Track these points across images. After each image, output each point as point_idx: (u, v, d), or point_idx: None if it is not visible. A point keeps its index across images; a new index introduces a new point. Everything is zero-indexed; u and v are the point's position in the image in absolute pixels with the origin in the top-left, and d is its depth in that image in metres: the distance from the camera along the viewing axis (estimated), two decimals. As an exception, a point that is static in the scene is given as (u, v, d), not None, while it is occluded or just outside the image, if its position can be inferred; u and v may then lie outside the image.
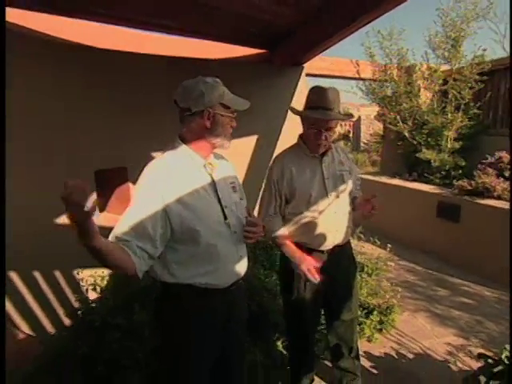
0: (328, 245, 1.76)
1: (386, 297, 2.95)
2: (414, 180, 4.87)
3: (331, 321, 2.04)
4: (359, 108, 16.78)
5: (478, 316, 3.00)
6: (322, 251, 1.77)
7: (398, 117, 4.87)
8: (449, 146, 4.59)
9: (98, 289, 2.67)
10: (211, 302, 1.37)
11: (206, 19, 3.13)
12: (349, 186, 1.80)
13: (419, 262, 4.17)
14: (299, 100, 4.13)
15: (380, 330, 2.80)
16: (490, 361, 1.83)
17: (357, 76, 4.91)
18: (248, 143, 4.02)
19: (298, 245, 1.79)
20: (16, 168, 2.40)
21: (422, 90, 5.02)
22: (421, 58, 4.92)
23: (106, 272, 2.75)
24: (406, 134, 4.86)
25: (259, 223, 1.43)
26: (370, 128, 13.84)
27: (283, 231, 1.78)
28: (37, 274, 2.54)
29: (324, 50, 3.55)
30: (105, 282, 2.71)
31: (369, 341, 2.70)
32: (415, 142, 4.84)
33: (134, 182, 1.36)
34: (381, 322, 2.82)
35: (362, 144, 13.97)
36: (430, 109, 4.74)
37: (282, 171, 1.75)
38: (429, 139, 4.70)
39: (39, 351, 2.38)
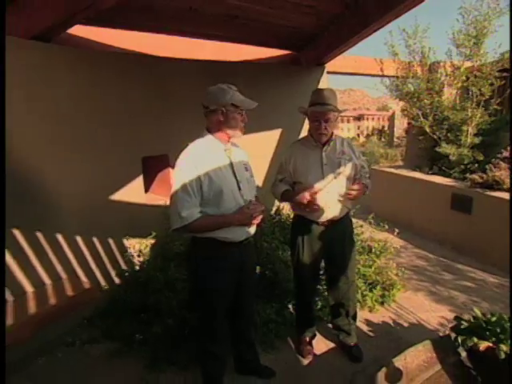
0: (323, 218, 2.17)
1: (389, 274, 3.30)
2: (434, 173, 5.07)
3: (330, 284, 2.46)
4: (398, 103, 16.57)
5: (476, 297, 3.26)
6: (318, 223, 2.19)
7: (420, 112, 5.08)
8: (468, 140, 4.75)
9: (142, 254, 3.26)
10: (228, 251, 1.85)
11: (241, 28, 3.58)
12: (346, 171, 2.18)
13: (432, 250, 4.43)
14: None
15: (382, 303, 3.16)
16: (462, 322, 2.16)
17: (380, 73, 5.17)
18: (274, 135, 4.47)
19: (300, 217, 2.23)
20: (86, 155, 3.01)
21: (445, 86, 5.17)
22: (445, 56, 5.07)
23: (148, 241, 3.33)
24: (427, 129, 5.06)
25: (260, 204, 1.89)
26: (404, 123, 13.70)
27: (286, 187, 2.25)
28: (95, 240, 3.14)
29: (343, 52, 3.90)
30: (148, 249, 3.29)
31: (370, 311, 3.07)
32: (435, 137, 5.04)
33: (174, 167, 1.85)
34: (383, 296, 3.18)
35: (395, 139, 13.91)
36: (451, 105, 4.91)
37: (290, 156, 2.21)
38: (448, 134, 4.89)
39: (98, 299, 2.98)
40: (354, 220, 4.10)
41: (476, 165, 4.65)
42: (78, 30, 3.02)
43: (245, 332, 2.23)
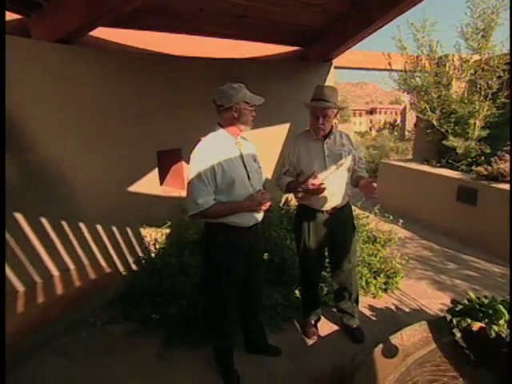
0: (327, 207, 2.32)
1: (393, 263, 3.43)
2: (441, 166, 5.13)
3: (333, 269, 2.61)
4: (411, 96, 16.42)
5: (478, 286, 3.36)
6: (323, 211, 2.34)
7: (427, 106, 5.14)
8: (476, 133, 4.80)
9: (158, 242, 3.46)
10: (238, 235, 2.02)
11: (249, 27, 3.71)
12: (347, 163, 2.32)
13: (438, 241, 4.52)
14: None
15: (385, 290, 3.29)
16: (458, 305, 2.29)
17: (388, 68, 5.24)
18: (283, 129, 4.61)
19: (304, 206, 2.38)
20: (106, 149, 3.21)
21: (454, 79, 5.21)
22: (453, 49, 5.10)
23: (164, 230, 3.53)
24: (435, 123, 5.12)
25: (268, 193, 2.06)
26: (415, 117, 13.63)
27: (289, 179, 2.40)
28: (114, 228, 3.35)
29: (349, 48, 4.00)
30: (163, 238, 3.49)
31: (374, 297, 3.21)
32: (443, 130, 5.09)
33: (187, 161, 2.02)
34: (386, 283, 3.31)
35: (406, 133, 13.83)
36: (458, 98, 4.95)
37: (294, 149, 2.35)
38: (456, 127, 4.94)
39: (118, 284, 3.19)
40: (360, 211, 4.26)
41: (483, 158, 4.69)
42: (97, 32, 3.20)
43: (254, 314, 2.40)
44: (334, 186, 2.28)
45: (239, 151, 2.02)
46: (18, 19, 2.80)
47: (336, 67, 5.06)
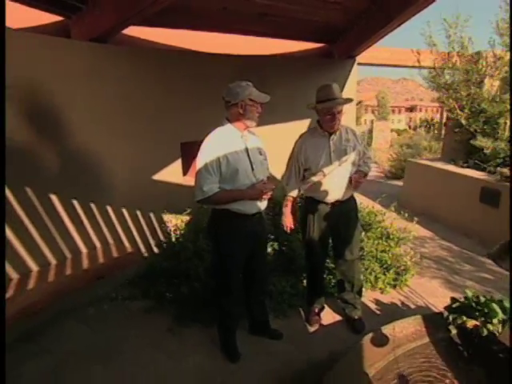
0: (330, 199, 2.43)
1: (404, 261, 3.45)
2: (468, 167, 4.99)
3: (336, 260, 2.71)
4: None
5: (491, 288, 3.30)
6: (326, 203, 2.45)
7: (455, 104, 5.00)
8: (506, 134, 4.62)
9: (178, 228, 3.70)
10: (241, 221, 2.19)
11: (271, 24, 3.84)
12: (351, 157, 2.41)
13: (457, 242, 4.43)
14: (350, 87, 4.65)
15: (394, 286, 3.33)
16: (456, 302, 2.31)
17: (417, 64, 5.14)
18: (303, 125, 4.69)
19: (310, 198, 2.50)
20: (134, 141, 3.47)
21: (487, 77, 5.02)
22: (488, 46, 4.91)
23: (184, 217, 3.76)
24: (463, 122, 4.97)
25: (272, 183, 2.21)
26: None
27: (293, 193, 2.56)
28: (138, 213, 3.63)
29: (371, 45, 4.00)
30: (183, 224, 3.73)
31: (381, 292, 3.26)
32: (472, 130, 4.94)
33: None
34: (395, 280, 3.34)
35: (443, 132, 13.26)
36: (489, 97, 4.77)
37: (301, 147, 2.47)
38: (485, 127, 4.77)
39: (139, 264, 3.47)
40: (380, 207, 4.27)
41: (514, 158, 4.52)
42: (129, 31, 3.45)
43: (257, 295, 2.57)
44: (338, 179, 2.39)
45: (244, 144, 2.17)
46: (60, 21, 3.11)
47: (363, 64, 5.07)
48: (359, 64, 4.82)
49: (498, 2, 4.60)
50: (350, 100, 2.39)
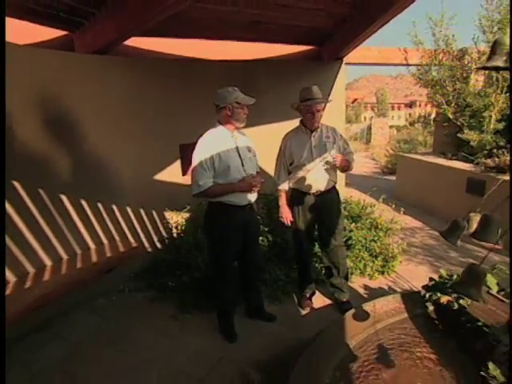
0: (314, 190, 2.66)
1: (392, 249, 3.67)
2: (457, 159, 5.20)
3: (322, 247, 2.95)
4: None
5: (474, 271, 3.50)
6: (310, 194, 2.68)
7: (442, 99, 5.20)
8: (491, 126, 4.82)
9: (178, 224, 3.94)
10: (234, 213, 2.43)
11: (264, 31, 4.06)
12: (331, 152, 2.64)
13: (447, 231, 4.63)
14: (338, 87, 4.87)
15: (382, 273, 3.55)
16: (433, 281, 2.53)
17: (404, 62, 5.35)
18: (294, 124, 4.91)
19: (296, 190, 2.73)
20: (136, 144, 3.71)
21: (472, 73, 5.23)
22: (471, 42, 5.11)
23: (184, 214, 4.00)
24: (450, 116, 5.18)
25: (260, 176, 2.45)
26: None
27: (284, 186, 2.79)
28: (142, 211, 3.88)
29: (357, 46, 4.24)
30: (183, 220, 3.97)
31: (370, 279, 3.49)
32: (459, 124, 5.14)
33: None
34: (383, 266, 3.56)
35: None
36: (474, 91, 4.98)
37: (286, 144, 2.72)
38: (471, 120, 4.98)
39: (143, 258, 3.71)
40: (372, 200, 4.47)
41: (498, 150, 4.71)
42: (130, 41, 3.69)
43: (252, 280, 2.80)
44: (319, 172, 2.63)
45: (235, 143, 2.42)
46: (64, 35, 3.36)
47: (352, 64, 5.29)
48: (349, 64, 5.04)
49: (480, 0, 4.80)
50: (327, 100, 2.61)
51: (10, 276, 2.72)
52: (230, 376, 2.32)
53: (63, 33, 3.34)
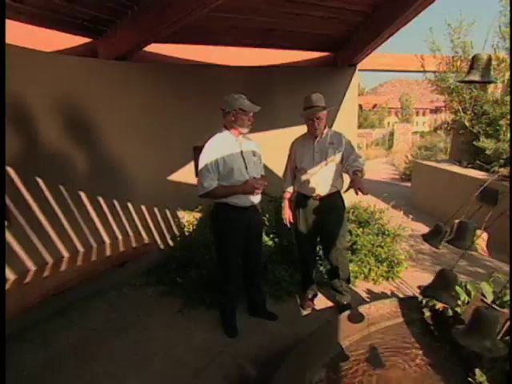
0: (316, 194, 2.75)
1: (397, 254, 3.68)
2: (473, 167, 5.12)
3: (324, 250, 3.02)
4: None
5: (480, 281, 3.46)
6: (313, 198, 2.77)
7: (459, 107, 5.15)
8: (508, 135, 4.73)
9: (190, 223, 4.10)
10: (238, 214, 2.55)
11: (277, 38, 4.18)
12: (335, 158, 2.71)
13: (458, 240, 4.58)
14: (351, 92, 4.92)
15: (387, 278, 3.57)
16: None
17: (421, 69, 5.33)
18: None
19: (299, 193, 2.83)
20: (152, 146, 3.90)
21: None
22: (489, 49, 5.04)
23: (196, 214, 4.16)
24: (466, 124, 5.12)
25: (264, 179, 2.57)
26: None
27: (288, 188, 2.92)
28: (156, 210, 4.06)
29: (370, 53, 4.28)
30: (195, 220, 4.13)
31: (374, 283, 3.51)
32: (475, 131, 5.07)
33: None
34: (388, 272, 3.58)
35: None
36: (492, 99, 4.90)
37: (292, 149, 2.83)
38: (487, 128, 4.90)
39: (155, 255, 3.89)
40: (384, 206, 4.49)
41: (516, 159, 4.63)
42: (150, 47, 3.89)
43: (254, 279, 2.91)
44: (321, 176, 2.71)
45: (239, 147, 2.54)
46: (89, 42, 3.59)
47: (367, 70, 5.33)
48: (363, 70, 5.09)
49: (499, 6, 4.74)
50: (325, 108, 2.68)
51: (30, 265, 2.95)
52: (228, 369, 2.43)
53: (87, 40, 3.57)
